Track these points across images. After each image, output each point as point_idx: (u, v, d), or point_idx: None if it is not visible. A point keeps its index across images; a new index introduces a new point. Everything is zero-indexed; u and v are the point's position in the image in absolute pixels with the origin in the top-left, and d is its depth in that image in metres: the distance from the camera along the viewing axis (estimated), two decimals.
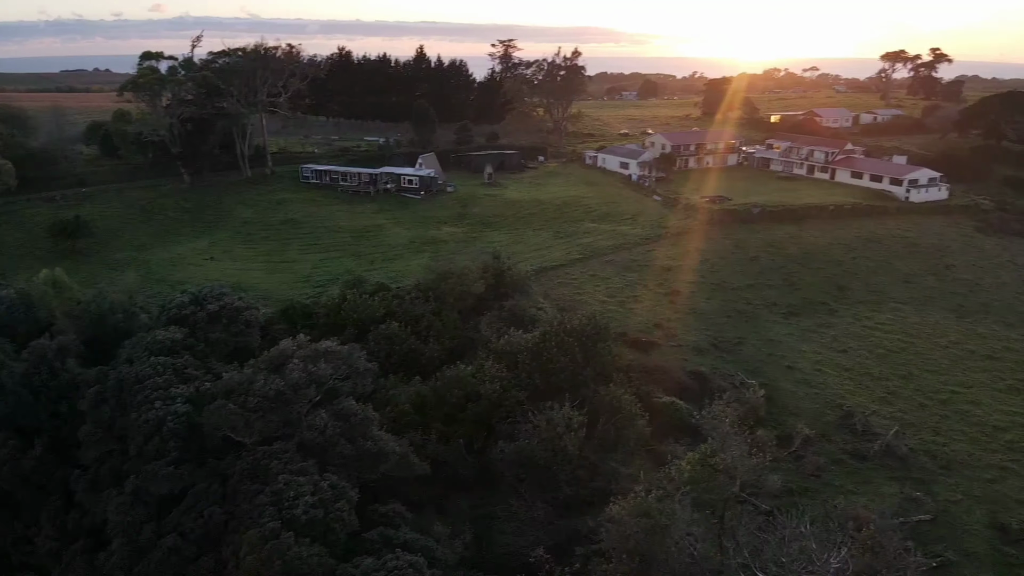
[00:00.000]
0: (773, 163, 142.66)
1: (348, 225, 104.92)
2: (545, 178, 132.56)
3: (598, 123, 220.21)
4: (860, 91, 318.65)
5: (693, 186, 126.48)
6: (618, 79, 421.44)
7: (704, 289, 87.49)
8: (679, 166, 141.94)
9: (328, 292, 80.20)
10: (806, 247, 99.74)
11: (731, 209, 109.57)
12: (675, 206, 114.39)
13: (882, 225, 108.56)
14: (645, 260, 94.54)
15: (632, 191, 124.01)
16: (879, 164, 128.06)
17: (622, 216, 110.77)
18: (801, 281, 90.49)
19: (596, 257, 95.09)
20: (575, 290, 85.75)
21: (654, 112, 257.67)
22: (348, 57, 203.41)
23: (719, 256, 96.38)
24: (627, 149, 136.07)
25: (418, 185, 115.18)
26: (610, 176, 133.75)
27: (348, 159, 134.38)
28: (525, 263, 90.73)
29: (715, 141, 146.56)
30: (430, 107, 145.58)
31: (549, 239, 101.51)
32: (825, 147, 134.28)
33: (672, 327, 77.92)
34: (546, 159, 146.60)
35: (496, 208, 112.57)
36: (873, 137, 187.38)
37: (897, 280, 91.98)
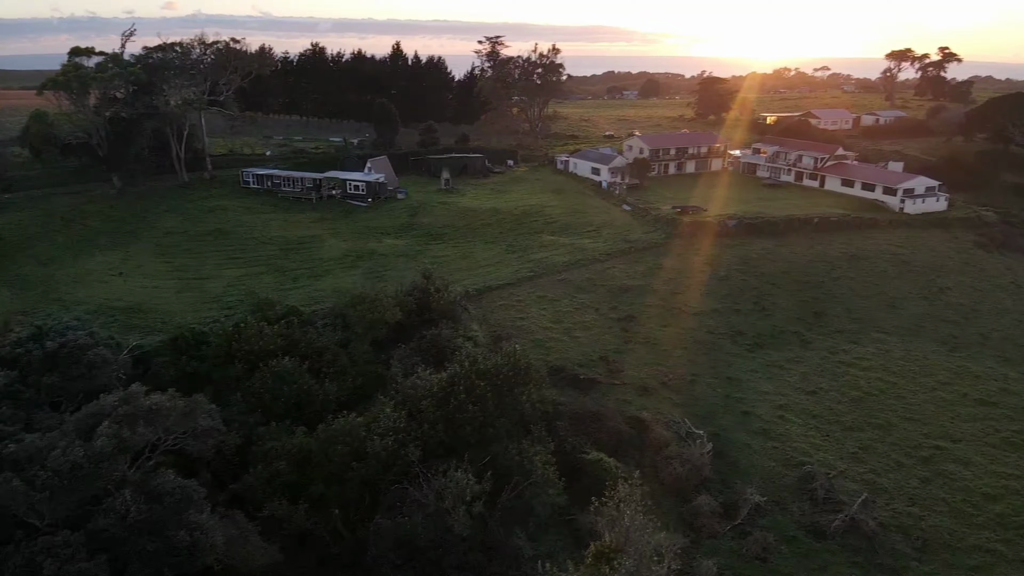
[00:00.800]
0: (759, 169, 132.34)
1: (281, 236, 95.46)
2: (510, 184, 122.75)
3: (585, 124, 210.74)
4: (868, 91, 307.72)
5: (669, 194, 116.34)
6: (623, 78, 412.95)
7: (662, 314, 77.51)
8: (658, 172, 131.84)
9: (236, 315, 70.89)
10: (784, 265, 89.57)
11: (704, 221, 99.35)
12: (645, 217, 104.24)
13: (871, 240, 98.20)
14: (602, 279, 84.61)
15: (601, 200, 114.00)
16: (872, 171, 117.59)
17: (585, 228, 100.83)
18: (774, 305, 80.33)
19: (548, 275, 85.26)
20: (518, 314, 76.01)
21: (649, 112, 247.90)
22: (321, 53, 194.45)
23: (684, 275, 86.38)
24: (599, 154, 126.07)
25: (365, 191, 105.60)
26: (581, 183, 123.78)
27: (299, 162, 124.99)
28: (468, 281, 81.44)
29: (698, 144, 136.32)
30: (391, 106, 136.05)
31: (500, 253, 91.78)
32: (815, 152, 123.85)
33: (619, 360, 68.03)
34: (516, 163, 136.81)
35: (448, 218, 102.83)
36: (873, 140, 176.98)
37: (883, 305, 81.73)
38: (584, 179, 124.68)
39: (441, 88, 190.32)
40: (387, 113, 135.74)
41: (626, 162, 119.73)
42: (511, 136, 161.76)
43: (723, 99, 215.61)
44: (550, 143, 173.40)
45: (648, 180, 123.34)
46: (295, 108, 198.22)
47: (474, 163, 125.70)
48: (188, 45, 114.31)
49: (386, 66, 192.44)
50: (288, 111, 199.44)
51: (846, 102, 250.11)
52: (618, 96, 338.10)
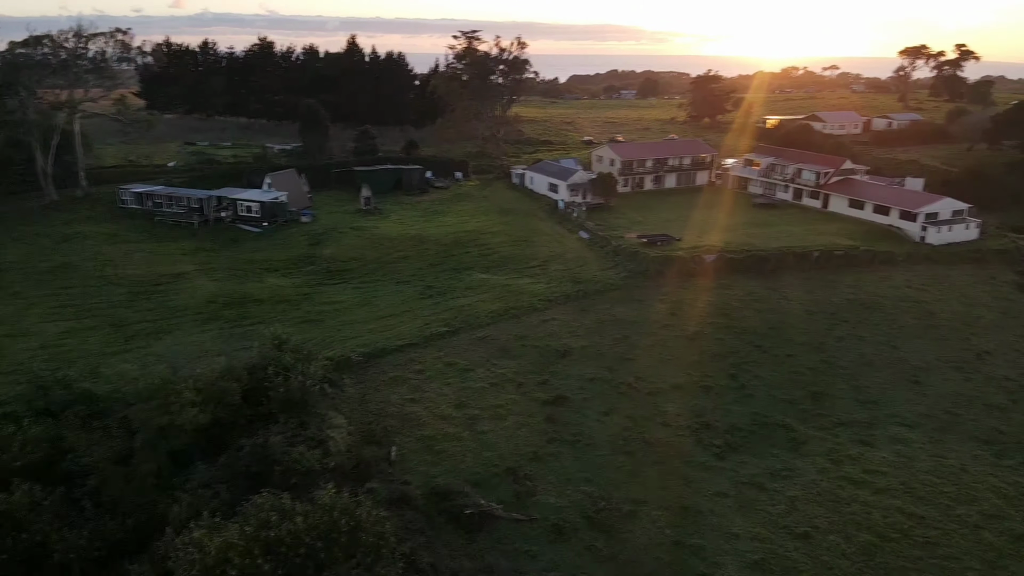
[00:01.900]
0: (752, 184, 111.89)
1: (138, 273, 75.63)
2: (450, 203, 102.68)
3: (567, 127, 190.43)
4: (879, 91, 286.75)
5: (639, 217, 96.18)
6: (626, 77, 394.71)
7: (605, 393, 57.44)
8: (632, 187, 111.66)
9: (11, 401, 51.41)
10: (774, 318, 69.40)
11: (674, 256, 79.07)
12: (604, 249, 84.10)
13: (886, 282, 77.96)
14: (535, 337, 64.61)
15: (555, 224, 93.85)
16: (886, 191, 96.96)
17: (528, 263, 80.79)
18: (757, 381, 60.10)
19: (467, 330, 65.38)
20: (412, 392, 56.19)
21: (641, 114, 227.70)
22: (269, 49, 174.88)
23: (642, 332, 66.29)
24: (557, 167, 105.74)
25: (259, 214, 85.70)
26: (536, 201, 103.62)
27: (203, 174, 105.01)
28: (357, 341, 62.04)
29: (681, 155, 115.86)
30: (319, 107, 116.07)
31: (412, 299, 71.85)
32: (817, 165, 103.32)
33: (534, 475, 47.98)
34: (467, 175, 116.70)
35: (357, 248, 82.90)
36: (886, 147, 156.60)
37: (902, 379, 61.40)
38: (541, 197, 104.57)
39: (403, 88, 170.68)
40: (313, 115, 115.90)
41: (588, 177, 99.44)
42: (471, 143, 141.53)
43: (718, 100, 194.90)
44: (520, 150, 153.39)
45: (617, 199, 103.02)
46: (241, 109, 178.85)
47: (410, 176, 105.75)
48: (59, 39, 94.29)
49: (340, 63, 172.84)
50: (234, 113, 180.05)
51: (855, 103, 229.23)
52: (615, 96, 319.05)
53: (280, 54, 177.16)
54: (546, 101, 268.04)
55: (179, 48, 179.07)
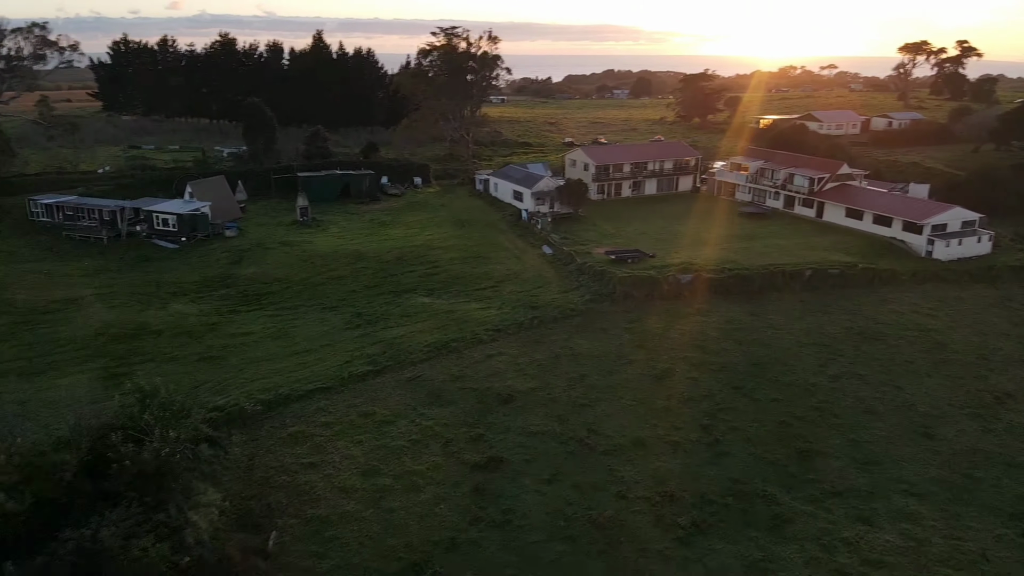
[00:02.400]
0: (739, 191, 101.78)
1: (25, 299, 65.60)
2: (402, 212, 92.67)
3: (550, 128, 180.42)
4: (878, 90, 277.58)
5: (612, 229, 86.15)
6: (622, 76, 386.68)
7: (550, 452, 47.29)
8: (608, 194, 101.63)
9: None
10: (757, 352, 59.25)
11: (645, 276, 68.90)
12: (568, 266, 73.99)
13: (888, 305, 67.93)
14: (475, 377, 54.58)
15: (517, 237, 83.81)
16: (888, 199, 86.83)
17: (479, 283, 70.68)
18: (734, 434, 49.90)
19: (396, 369, 55.50)
20: (313, 454, 46.30)
21: (630, 114, 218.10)
22: (231, 46, 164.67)
23: (604, 371, 56.16)
24: (523, 173, 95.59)
25: (176, 227, 75.51)
26: (501, 210, 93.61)
27: (133, 182, 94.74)
28: (260, 383, 52.23)
29: (662, 158, 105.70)
30: (263, 106, 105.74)
31: (336, 329, 61.81)
32: (810, 170, 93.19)
33: (449, 571, 37.77)
34: (427, 181, 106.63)
35: (284, 267, 72.82)
36: (886, 148, 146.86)
37: (909, 431, 51.22)
38: (506, 206, 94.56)
39: (372, 87, 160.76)
40: (258, 115, 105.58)
41: (555, 184, 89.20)
42: (442, 145, 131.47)
43: (709, 99, 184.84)
44: (495, 152, 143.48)
45: (588, 207, 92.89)
46: (202, 111, 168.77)
47: (360, 183, 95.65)
48: None
49: (305, 61, 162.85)
50: (195, 114, 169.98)
51: (854, 102, 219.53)
52: (607, 95, 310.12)
53: (243, 52, 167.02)
54: (536, 101, 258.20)
55: (136, 46, 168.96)
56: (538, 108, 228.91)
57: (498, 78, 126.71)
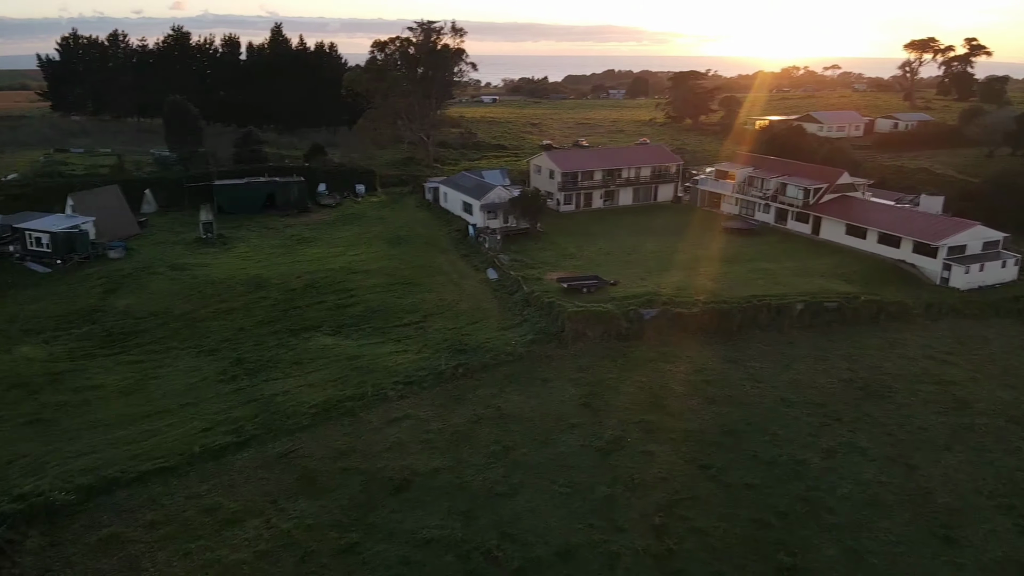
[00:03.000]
0: (726, 202, 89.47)
1: None
2: (331, 226, 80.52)
3: (531, 129, 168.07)
4: (882, 90, 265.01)
5: (573, 246, 73.94)
6: (622, 77, 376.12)
7: (442, 571, 34.88)
8: (577, 205, 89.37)
9: None
10: (733, 413, 47.01)
11: (600, 312, 56.53)
12: (513, 296, 61.72)
13: (897, 347, 55.65)
14: (366, 453, 42.57)
15: (461, 257, 71.64)
16: (896, 214, 74.27)
17: (402, 318, 58.46)
18: (695, 540, 37.58)
19: (267, 440, 43.97)
20: (118, 573, 33.89)
21: (621, 114, 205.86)
22: (185, 40, 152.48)
23: (536, 440, 43.98)
24: (474, 181, 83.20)
25: (50, 247, 63.28)
26: (449, 224, 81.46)
27: (29, 191, 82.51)
28: (81, 463, 40.36)
29: (638, 164, 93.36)
30: (187, 104, 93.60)
31: (207, 380, 49.68)
32: (805, 179, 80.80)
33: None
34: (372, 189, 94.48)
35: (166, 298, 60.61)
36: (892, 152, 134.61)
37: (924, 532, 38.81)
38: (456, 219, 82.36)
39: (335, 85, 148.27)
40: (181, 114, 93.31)
41: (508, 196, 76.80)
42: (398, 148, 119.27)
43: (701, 99, 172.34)
44: (463, 155, 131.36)
45: (553, 221, 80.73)
46: (153, 110, 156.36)
47: (286, 192, 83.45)
48: None
49: (263, 57, 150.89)
50: (146, 113, 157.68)
51: (857, 102, 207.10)
52: (603, 95, 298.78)
53: (197, 46, 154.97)
54: (529, 101, 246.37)
55: (85, 40, 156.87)
56: (528, 108, 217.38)
57: (462, 74, 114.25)
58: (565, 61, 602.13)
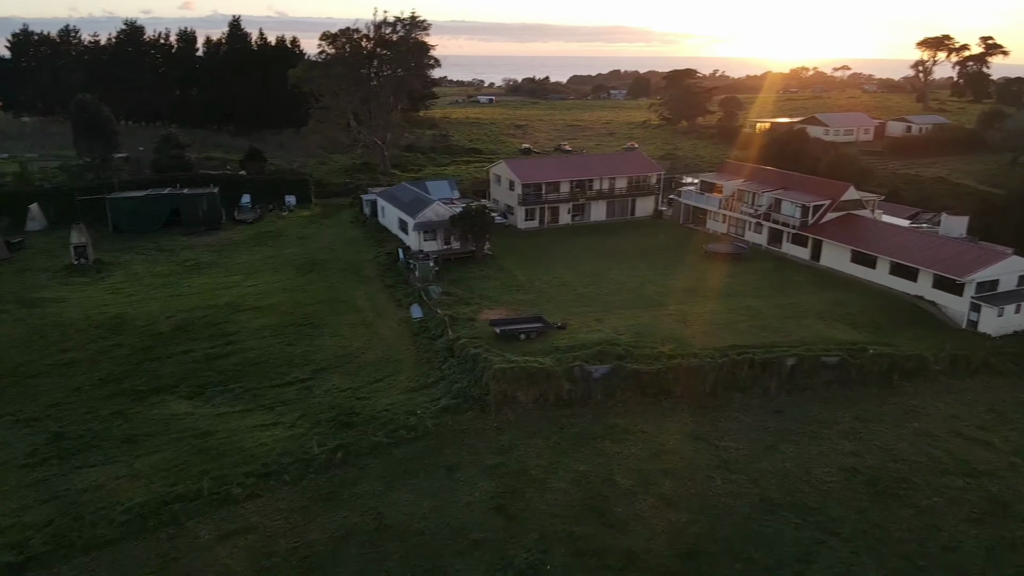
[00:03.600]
0: (712, 218, 77.08)
1: None
2: (238, 248, 68.62)
3: (515, 132, 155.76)
4: (893, 91, 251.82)
5: (524, 274, 61.67)
6: (627, 77, 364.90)
7: None
8: (541, 221, 77.26)
9: None
10: (696, 519, 34.90)
11: (536, 369, 44.10)
12: (435, 342, 49.47)
13: (914, 418, 43.40)
14: None
15: (384, 288, 59.49)
16: (911, 240, 61.37)
17: (286, 373, 46.32)
18: None
19: (47, 564, 31.06)
20: None
21: (616, 115, 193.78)
22: (138, 35, 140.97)
23: (419, 567, 31.47)
24: (413, 194, 70.60)
25: None
26: (382, 245, 69.20)
27: None
28: None
29: (612, 174, 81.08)
30: (99, 104, 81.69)
31: (6, 465, 37.40)
32: (804, 194, 68.24)
33: None
34: (304, 201, 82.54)
35: (6, 343, 48.57)
36: (904, 158, 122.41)
37: None
38: (394, 238, 69.99)
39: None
40: (90, 115, 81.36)
41: (449, 213, 64.37)
42: (356, 153, 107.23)
43: (697, 100, 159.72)
44: (431, 160, 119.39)
45: (509, 240, 68.50)
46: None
47: (194, 206, 71.45)
48: None
49: (221, 52, 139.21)
50: None
51: (867, 104, 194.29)
52: (603, 96, 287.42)
53: (150, 42, 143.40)
54: (527, 101, 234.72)
55: (34, 36, 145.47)
56: (523, 109, 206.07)
57: (421, 70, 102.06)
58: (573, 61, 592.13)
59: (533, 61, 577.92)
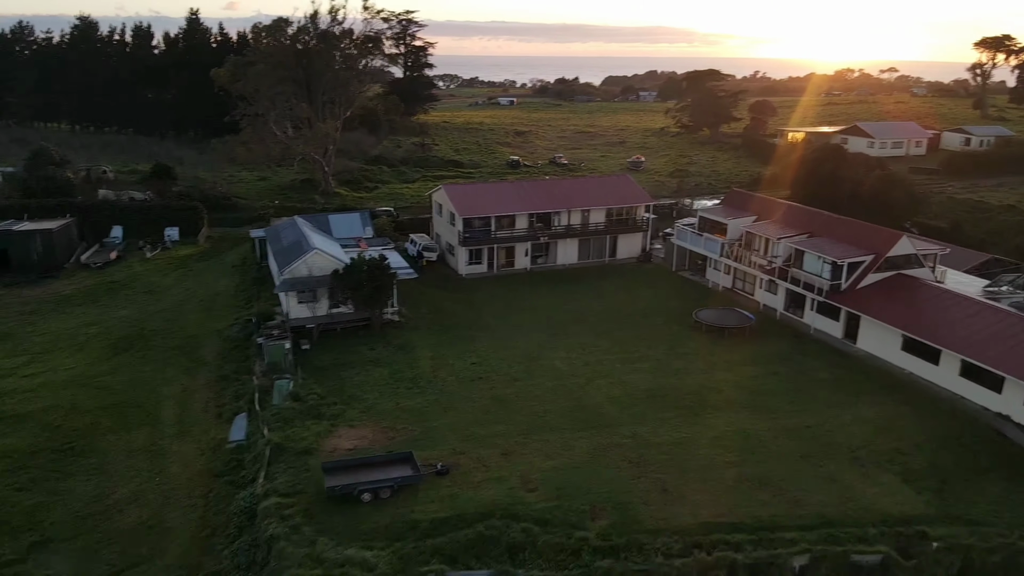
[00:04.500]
0: (712, 268, 57.94)
1: None
2: (56, 308, 51.47)
3: (514, 140, 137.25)
4: (944, 95, 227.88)
5: (430, 359, 43.22)
6: (661, 78, 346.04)
7: None
8: (492, 266, 59.04)
9: None
10: None
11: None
12: (242, 494, 31.13)
13: None
14: None
15: (216, 382, 41.35)
16: (989, 324, 40.95)
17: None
18: None
19: None
20: None
21: (635, 119, 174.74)
22: (90, 32, 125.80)
23: None
24: (296, 237, 51.85)
25: None
26: (257, 301, 51.10)
27: None
28: None
29: (585, 205, 62.29)
30: None
31: None
32: (837, 243, 48.65)
33: None
34: (190, 234, 64.91)
35: None
36: (964, 179, 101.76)
37: None
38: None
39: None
40: None
41: (332, 267, 46.01)
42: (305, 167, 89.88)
43: (722, 105, 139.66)
44: (398, 175, 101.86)
45: (436, 295, 50.20)
46: (57, 113, 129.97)
47: (25, 247, 54.55)
48: None
49: (177, 50, 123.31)
50: (49, 117, 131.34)
51: (917, 110, 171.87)
52: (631, 98, 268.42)
53: (105, 39, 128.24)
54: (550, 103, 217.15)
55: None
56: (539, 112, 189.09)
57: (366, 67, 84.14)
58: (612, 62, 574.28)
59: (571, 62, 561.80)
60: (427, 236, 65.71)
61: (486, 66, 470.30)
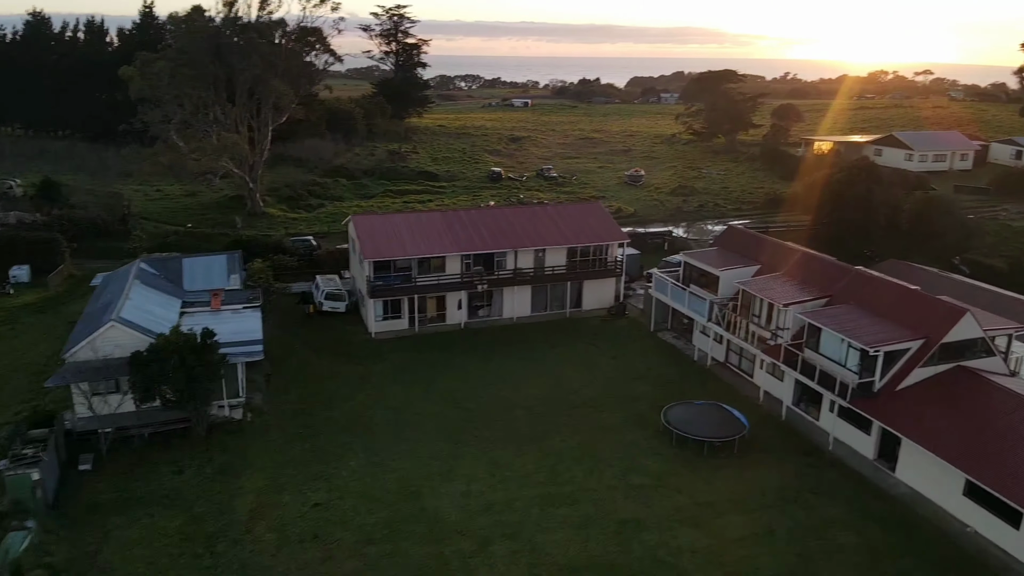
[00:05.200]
0: (698, 332, 42.92)
1: None
2: None
3: (507, 148, 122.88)
4: (984, 99, 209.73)
5: (264, 486, 29.05)
6: (687, 79, 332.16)
7: None
8: (413, 321, 44.96)
9: None
10: None
11: None
12: None
13: None
14: None
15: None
16: None
17: None
18: None
19: None
20: None
21: (648, 123, 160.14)
22: (44, 27, 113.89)
23: None
24: (111, 297, 38.01)
25: None
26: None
27: None
28: None
29: (539, 244, 47.63)
30: None
31: None
32: (869, 321, 33.50)
33: None
34: (46, 270, 51.31)
35: None
36: (1018, 200, 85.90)
37: None
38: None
39: None
40: None
41: (134, 346, 32.09)
42: (234, 182, 76.29)
43: (738, 109, 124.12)
44: (361, 190, 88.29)
45: (324, 364, 36.09)
46: (10, 116, 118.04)
47: None
48: None
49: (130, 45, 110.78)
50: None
51: (958, 116, 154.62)
52: (652, 100, 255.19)
53: (55, 35, 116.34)
54: (565, 104, 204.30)
55: None
56: (549, 115, 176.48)
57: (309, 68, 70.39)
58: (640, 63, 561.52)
59: (599, 63, 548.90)
60: (339, 277, 51.71)
61: (512, 67, 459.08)
